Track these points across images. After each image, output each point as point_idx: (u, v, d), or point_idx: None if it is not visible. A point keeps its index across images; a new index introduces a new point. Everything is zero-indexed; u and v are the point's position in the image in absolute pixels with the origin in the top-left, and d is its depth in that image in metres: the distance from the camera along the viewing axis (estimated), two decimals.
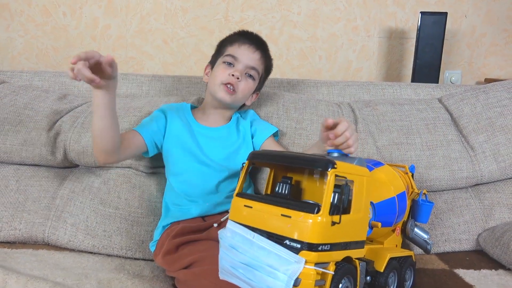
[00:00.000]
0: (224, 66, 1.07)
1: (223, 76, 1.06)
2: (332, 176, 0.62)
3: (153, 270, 0.99)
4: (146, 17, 1.84)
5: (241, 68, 1.06)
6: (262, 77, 1.14)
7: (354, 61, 1.93)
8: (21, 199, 1.11)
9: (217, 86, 1.06)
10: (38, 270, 0.93)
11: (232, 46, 1.09)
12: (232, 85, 1.05)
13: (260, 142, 1.13)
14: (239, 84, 1.06)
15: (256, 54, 1.09)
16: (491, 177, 1.21)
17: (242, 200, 0.70)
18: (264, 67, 1.13)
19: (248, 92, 1.10)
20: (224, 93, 1.05)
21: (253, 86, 1.11)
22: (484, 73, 2.00)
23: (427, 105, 1.32)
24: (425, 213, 1.00)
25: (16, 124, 1.18)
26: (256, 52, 1.09)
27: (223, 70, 1.06)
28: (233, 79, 1.05)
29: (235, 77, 1.05)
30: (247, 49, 1.08)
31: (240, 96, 1.08)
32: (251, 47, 1.09)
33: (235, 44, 1.09)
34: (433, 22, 1.71)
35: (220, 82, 1.06)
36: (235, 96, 1.06)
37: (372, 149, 1.20)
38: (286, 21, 1.88)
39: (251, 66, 1.08)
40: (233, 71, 1.05)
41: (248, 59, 1.07)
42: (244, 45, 1.09)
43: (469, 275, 0.99)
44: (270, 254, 0.62)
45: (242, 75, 1.06)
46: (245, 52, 1.08)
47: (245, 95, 1.09)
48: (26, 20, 1.83)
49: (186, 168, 1.04)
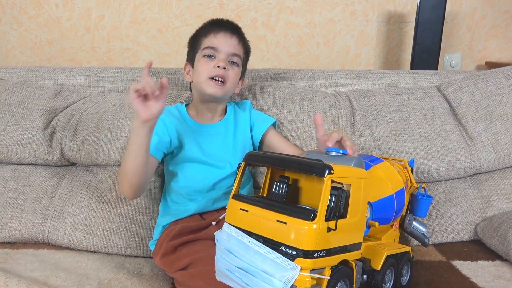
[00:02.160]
0: (205, 60, 1.04)
1: (208, 70, 1.02)
2: (328, 182, 0.62)
3: (153, 268, 1.00)
4: (139, 7, 1.80)
5: (223, 57, 1.03)
6: (244, 61, 1.10)
7: (352, 47, 1.91)
8: (19, 199, 1.12)
9: (204, 82, 1.03)
10: (39, 271, 0.94)
11: (208, 37, 1.06)
12: (220, 76, 1.02)
13: (259, 133, 1.12)
14: (227, 73, 1.03)
15: (234, 39, 1.06)
16: (490, 166, 1.21)
17: (238, 203, 0.70)
18: (243, 50, 1.09)
19: (236, 80, 1.07)
20: (214, 87, 1.02)
21: (239, 72, 1.08)
22: (485, 56, 1.97)
23: (425, 94, 1.31)
24: (424, 207, 1.00)
25: (11, 123, 1.17)
26: (233, 37, 1.05)
27: (206, 64, 1.03)
28: (220, 70, 1.02)
29: (221, 68, 1.02)
30: (223, 37, 1.04)
31: (230, 86, 1.05)
32: (227, 34, 1.05)
33: (210, 35, 1.05)
34: (432, 6, 1.67)
35: (207, 77, 1.02)
36: (225, 88, 1.03)
37: (369, 140, 1.19)
38: (283, 7, 1.84)
39: (232, 52, 1.04)
40: (217, 62, 1.02)
41: (228, 46, 1.04)
42: (220, 33, 1.05)
43: (466, 266, 1.00)
44: (266, 260, 0.62)
45: (227, 64, 1.03)
46: (223, 40, 1.04)
47: (234, 83, 1.06)
48: (19, 13, 1.79)
49: (185, 168, 1.04)
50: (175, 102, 1.21)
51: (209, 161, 1.03)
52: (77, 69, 1.38)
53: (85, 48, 1.84)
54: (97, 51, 1.84)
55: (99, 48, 1.84)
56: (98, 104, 1.23)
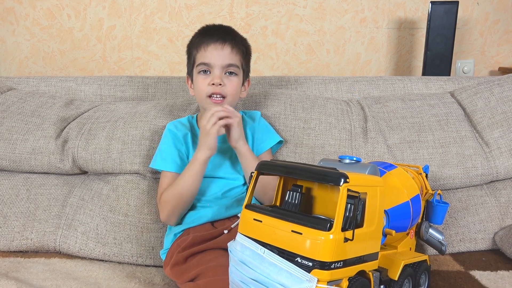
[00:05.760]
0: (201, 76, 1.01)
1: (205, 88, 1.00)
2: (344, 191, 0.60)
3: (164, 278, 0.99)
4: (150, 16, 1.82)
5: (218, 72, 1.00)
6: (243, 65, 1.06)
7: (362, 54, 1.90)
8: (31, 208, 1.12)
9: (204, 101, 1.01)
10: (51, 280, 0.93)
11: (199, 51, 1.02)
12: (218, 93, 1.00)
13: (256, 152, 1.07)
14: (224, 89, 1.00)
15: (226, 49, 1.00)
16: (508, 173, 1.18)
17: (251, 213, 0.69)
18: (240, 55, 1.03)
19: (237, 90, 1.04)
20: (214, 105, 0.99)
21: (239, 81, 1.04)
22: (498, 61, 1.94)
23: (439, 100, 1.28)
24: (440, 214, 0.98)
25: (24, 132, 1.18)
26: (224, 46, 1.00)
27: (202, 81, 1.01)
28: (216, 88, 0.99)
29: (216, 85, 0.99)
30: (214, 49, 1.00)
31: (231, 98, 1.02)
32: (217, 44, 1.00)
33: (200, 49, 1.01)
34: (444, 12, 1.66)
35: (205, 95, 1.00)
36: (226, 101, 1.01)
37: (382, 148, 1.18)
38: (292, 15, 1.84)
39: (226, 64, 1.00)
40: (212, 79, 0.99)
41: (221, 59, 1.00)
42: (210, 46, 1.00)
43: (486, 277, 0.97)
44: (281, 272, 0.61)
45: (223, 78, 1.00)
46: (214, 53, 1.00)
47: (236, 93, 1.03)
48: (32, 24, 1.82)
49: None
50: (185, 111, 1.21)
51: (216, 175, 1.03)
52: (89, 78, 1.39)
53: (97, 58, 1.86)
54: (108, 61, 1.86)
55: (110, 58, 1.85)
56: (109, 113, 1.23)
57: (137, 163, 1.14)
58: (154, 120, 1.18)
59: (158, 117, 1.19)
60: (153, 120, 1.18)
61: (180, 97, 1.35)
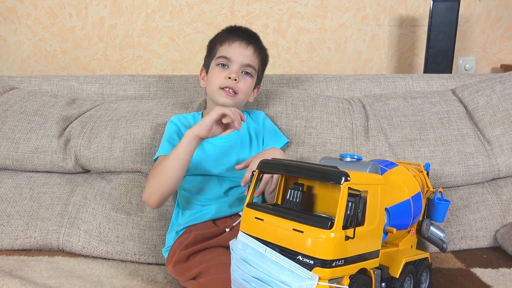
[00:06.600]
0: (218, 69, 1.04)
1: (220, 80, 1.02)
2: (345, 189, 0.61)
3: (167, 276, 0.99)
4: (151, 15, 1.82)
5: (236, 68, 1.02)
6: (259, 71, 1.09)
7: (364, 52, 1.89)
8: (35, 206, 1.13)
9: (216, 92, 1.03)
10: (54, 278, 0.94)
11: (223, 45, 1.05)
12: (231, 88, 1.02)
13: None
14: (238, 85, 1.02)
15: (249, 50, 1.04)
16: (509, 171, 1.18)
17: (253, 212, 0.69)
18: (259, 60, 1.08)
19: (249, 90, 1.06)
20: (225, 97, 1.01)
21: (252, 83, 1.07)
22: (500, 58, 1.94)
23: (440, 97, 1.28)
24: (441, 212, 0.98)
25: (26, 131, 1.19)
26: (248, 47, 1.04)
27: (219, 74, 1.03)
28: (231, 82, 1.01)
29: (232, 79, 1.01)
30: (238, 47, 1.03)
31: (242, 97, 1.04)
32: (242, 44, 1.04)
33: (225, 44, 1.04)
34: (445, 9, 1.65)
35: (218, 87, 1.02)
36: (236, 98, 1.03)
37: (384, 146, 1.18)
38: (293, 13, 1.84)
39: (246, 63, 1.03)
40: (229, 73, 1.01)
41: (242, 57, 1.03)
42: (235, 43, 1.03)
43: (487, 274, 0.97)
44: (282, 270, 0.61)
45: (239, 75, 1.02)
46: (237, 50, 1.03)
47: (246, 94, 1.06)
48: (33, 23, 1.83)
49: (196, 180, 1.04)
50: (187, 109, 1.22)
51: (219, 173, 1.03)
52: (91, 77, 1.39)
53: (98, 57, 1.86)
54: (110, 59, 1.86)
55: (112, 56, 1.86)
56: (111, 112, 1.24)
57: (139, 161, 1.15)
58: (156, 119, 1.18)
59: (160, 115, 1.19)
60: (155, 119, 1.18)
61: (181, 95, 1.36)
